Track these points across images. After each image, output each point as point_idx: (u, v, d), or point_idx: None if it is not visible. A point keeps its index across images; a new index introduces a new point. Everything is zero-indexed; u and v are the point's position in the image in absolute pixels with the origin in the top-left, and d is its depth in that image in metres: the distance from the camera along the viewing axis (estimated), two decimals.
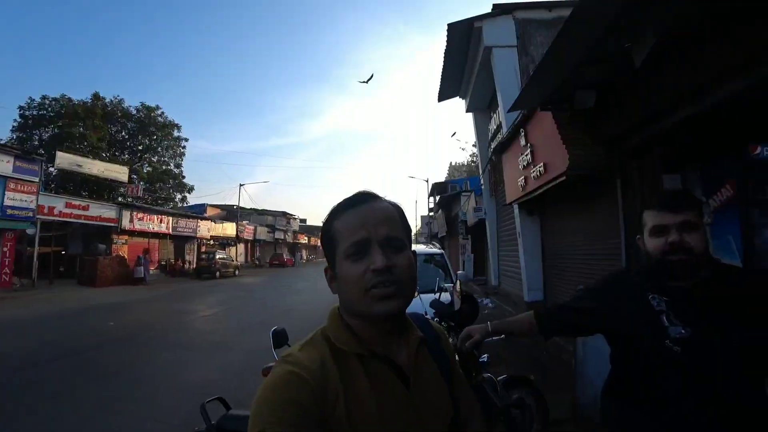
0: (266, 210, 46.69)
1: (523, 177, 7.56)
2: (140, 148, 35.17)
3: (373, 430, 0.75)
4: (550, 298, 8.72)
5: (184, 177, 36.78)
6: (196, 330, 8.97)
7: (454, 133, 42.73)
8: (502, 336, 1.75)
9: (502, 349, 6.06)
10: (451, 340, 2.84)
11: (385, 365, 0.82)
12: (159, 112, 34.87)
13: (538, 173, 6.61)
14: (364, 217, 0.81)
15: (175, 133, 36.19)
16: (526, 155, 7.12)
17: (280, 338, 2.72)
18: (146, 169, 34.63)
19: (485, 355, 2.91)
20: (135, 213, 23.03)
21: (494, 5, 9.97)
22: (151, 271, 22.13)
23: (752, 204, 4.50)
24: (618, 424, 1.40)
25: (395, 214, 0.86)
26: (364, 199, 0.85)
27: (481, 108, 13.83)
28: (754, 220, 4.45)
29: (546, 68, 4.40)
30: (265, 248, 44.78)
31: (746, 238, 4.28)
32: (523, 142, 7.27)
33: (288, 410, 0.69)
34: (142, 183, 31.23)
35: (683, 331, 1.21)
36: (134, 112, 33.96)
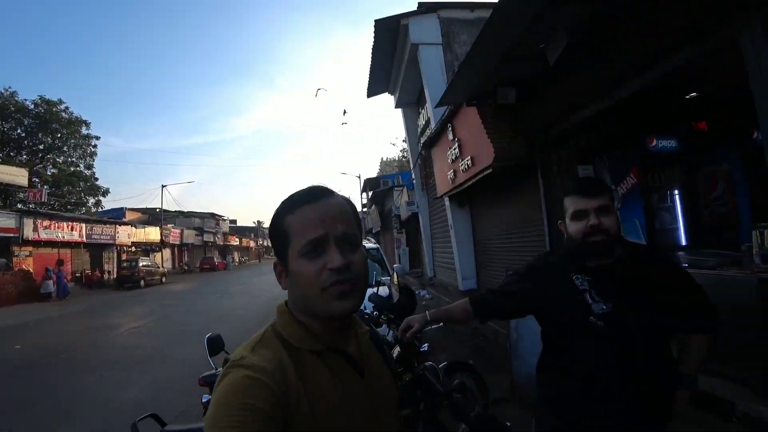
0: (193, 212, 44.08)
1: (452, 170, 7.86)
2: (41, 147, 31.31)
3: (336, 421, 0.76)
4: (483, 285, 9.18)
5: (96, 179, 33.41)
6: (121, 345, 8.27)
7: (345, 112, 42.91)
8: (441, 324, 1.82)
9: (442, 338, 6.28)
10: (391, 332, 2.92)
11: (341, 357, 0.84)
12: (62, 107, 30.93)
13: (467, 166, 6.91)
14: (322, 214, 0.79)
15: (84, 131, 32.54)
16: (454, 149, 7.40)
17: (215, 345, 2.61)
18: (51, 170, 30.93)
19: (425, 344, 3.02)
20: (40, 221, 20.65)
21: (419, 3, 10.20)
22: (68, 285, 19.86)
23: (652, 190, 5.10)
24: (551, 398, 1.51)
25: (349, 210, 0.86)
26: (319, 195, 0.83)
27: (410, 104, 14.11)
28: (654, 205, 5.04)
29: (469, 66, 4.60)
30: (193, 252, 42.30)
31: (649, 221, 4.80)
32: (450, 136, 7.55)
33: (247, 415, 0.66)
34: (46, 187, 27.72)
35: (605, 307, 1.34)
36: (32, 106, 29.77)
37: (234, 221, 62.38)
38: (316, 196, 0.82)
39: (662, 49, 3.45)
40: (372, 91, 14.68)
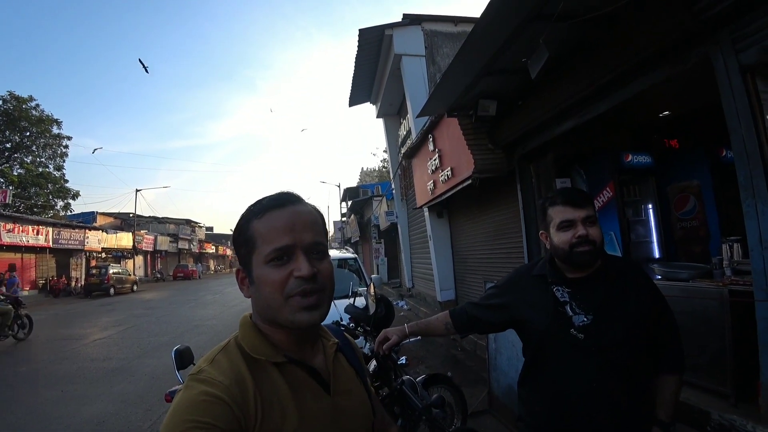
0: (168, 218, 42.94)
1: (432, 181, 7.88)
2: (8, 146, 29.81)
3: None
4: (462, 295, 9.19)
5: (66, 181, 31.98)
6: (86, 357, 7.86)
7: (303, 130, 42.99)
8: (419, 337, 1.79)
9: (420, 350, 6.24)
10: (368, 344, 2.85)
11: (304, 371, 0.80)
12: (33, 104, 29.37)
13: (446, 177, 6.93)
14: (290, 221, 0.77)
15: (55, 130, 31.10)
16: (435, 160, 7.43)
17: (184, 358, 2.49)
18: (17, 171, 29.54)
19: (403, 357, 2.96)
20: (3, 224, 19.74)
21: (404, 15, 10.31)
22: (21, 292, 18.67)
23: (627, 204, 5.25)
24: (531, 414, 1.48)
25: (318, 218, 0.84)
26: (288, 201, 0.81)
27: (392, 114, 14.19)
28: (629, 218, 5.19)
29: (451, 77, 4.63)
30: (167, 260, 41.14)
31: (624, 234, 4.93)
32: (431, 147, 7.58)
33: None
34: (11, 187, 26.37)
35: (585, 319, 1.32)
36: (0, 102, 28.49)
37: (210, 228, 61.29)
38: (285, 202, 0.80)
39: (638, 68, 3.55)
40: (354, 100, 14.70)
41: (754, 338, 2.71)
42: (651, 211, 5.32)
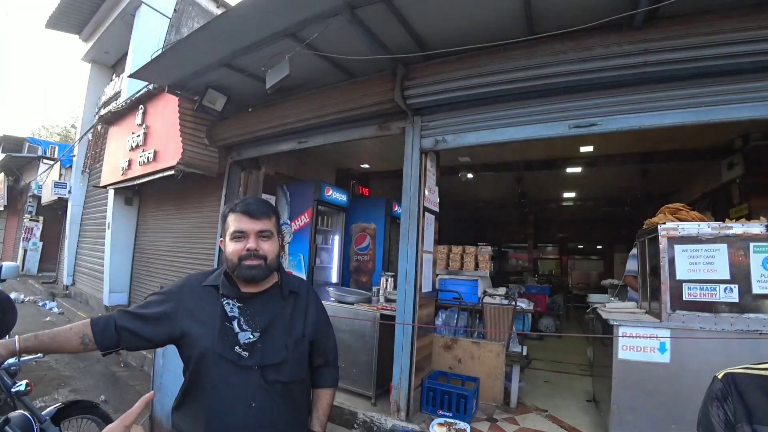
0: None
1: (128, 159, 6.58)
2: None
3: None
4: (136, 301, 7.87)
5: None
6: None
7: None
8: (40, 355, 1.39)
9: (67, 367, 4.86)
10: None
11: None
12: None
13: (147, 159, 5.93)
14: None
15: None
16: (138, 135, 6.28)
17: None
18: None
19: (23, 382, 2.04)
20: None
21: None
22: None
23: (319, 232, 5.85)
24: None
25: None
26: None
27: (104, 64, 11.49)
28: (318, 244, 5.87)
29: (187, 50, 4.04)
30: None
31: (311, 257, 5.54)
32: (139, 120, 6.38)
33: None
34: None
35: (251, 336, 1.27)
36: None
37: None
38: None
39: (356, 119, 4.07)
40: (56, 22, 11.04)
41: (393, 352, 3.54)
42: (336, 242, 6.26)
